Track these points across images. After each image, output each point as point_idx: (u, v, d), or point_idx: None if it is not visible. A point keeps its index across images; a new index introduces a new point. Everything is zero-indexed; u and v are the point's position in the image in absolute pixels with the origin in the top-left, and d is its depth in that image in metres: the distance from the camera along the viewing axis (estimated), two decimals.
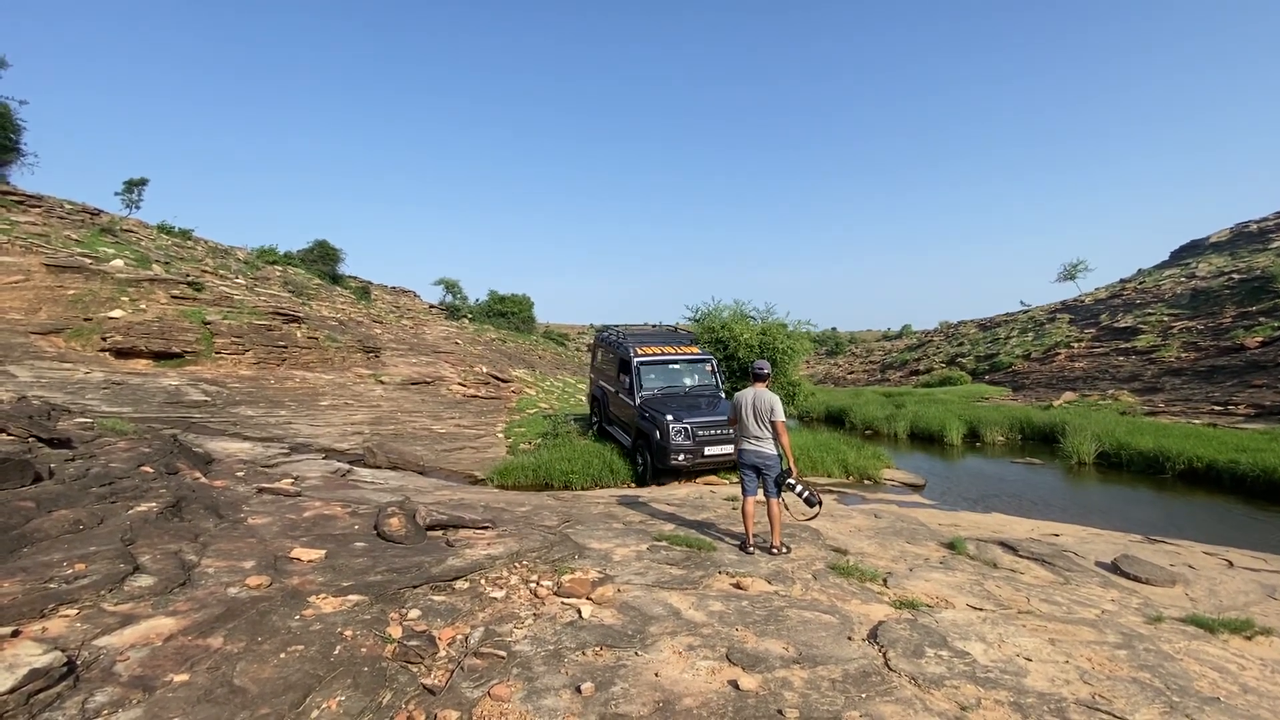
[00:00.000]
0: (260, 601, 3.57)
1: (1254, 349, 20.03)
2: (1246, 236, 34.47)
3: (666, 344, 11.12)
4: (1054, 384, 25.21)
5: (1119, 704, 3.17)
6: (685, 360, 10.72)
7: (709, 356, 11.12)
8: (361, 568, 4.25)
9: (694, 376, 10.62)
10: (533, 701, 2.90)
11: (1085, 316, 32.42)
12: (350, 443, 9.97)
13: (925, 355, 40.43)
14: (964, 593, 4.86)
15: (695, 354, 10.96)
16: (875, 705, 3.03)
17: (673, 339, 11.84)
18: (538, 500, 7.41)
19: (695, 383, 10.52)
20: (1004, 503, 10.02)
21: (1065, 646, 3.85)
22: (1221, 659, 3.90)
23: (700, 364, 10.82)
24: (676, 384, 10.40)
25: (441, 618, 3.68)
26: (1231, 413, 17.00)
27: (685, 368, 10.69)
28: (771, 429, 5.49)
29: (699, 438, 8.72)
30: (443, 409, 14.64)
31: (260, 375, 13.96)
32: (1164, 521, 9.14)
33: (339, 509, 5.65)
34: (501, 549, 4.90)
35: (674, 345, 11.12)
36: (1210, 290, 26.00)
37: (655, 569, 4.86)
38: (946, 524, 7.49)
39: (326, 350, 16.92)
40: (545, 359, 31.34)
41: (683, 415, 8.87)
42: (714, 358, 11.29)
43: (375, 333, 22.46)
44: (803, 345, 19.57)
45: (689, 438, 8.70)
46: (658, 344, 11.02)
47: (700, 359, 10.89)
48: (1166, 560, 6.19)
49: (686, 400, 9.69)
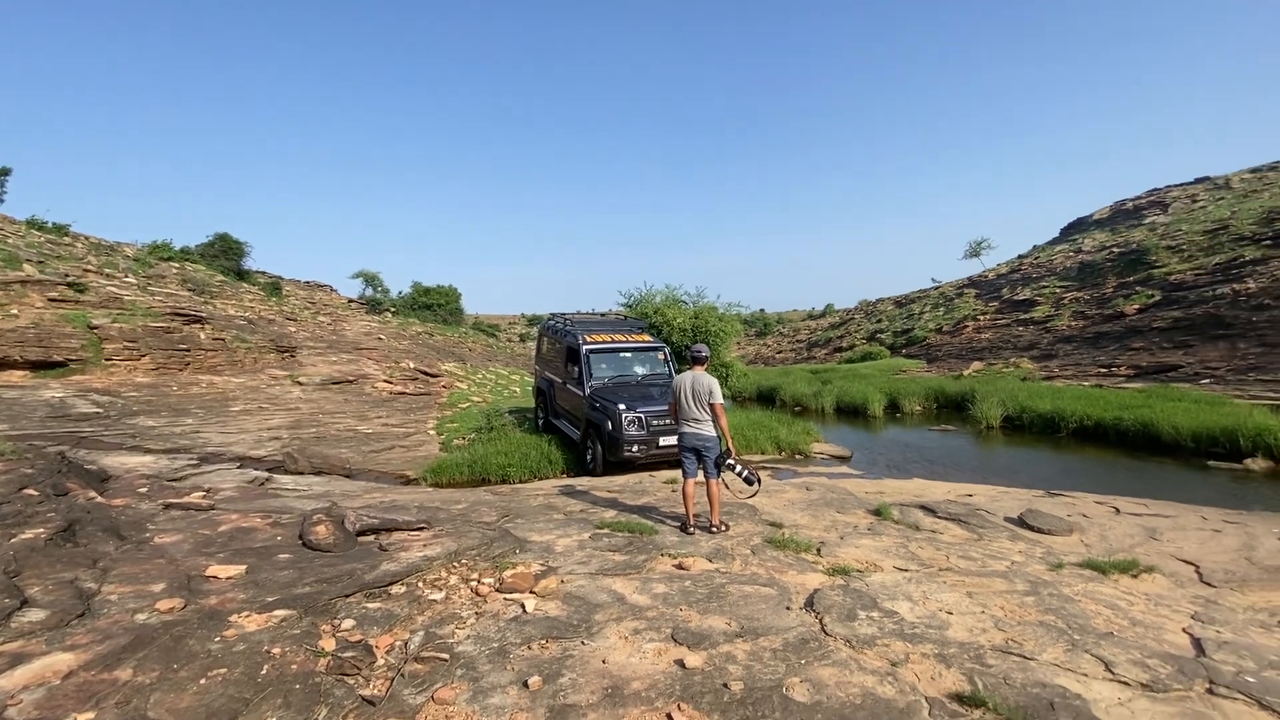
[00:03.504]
0: (174, 626, 3.32)
1: (1132, 316, 22.12)
2: (1124, 214, 37.87)
3: (617, 331, 10.80)
4: (963, 355, 26.95)
5: (1029, 646, 3.46)
6: (637, 348, 10.45)
7: (661, 344, 10.86)
8: (287, 580, 4.03)
9: (646, 365, 10.36)
10: (479, 701, 2.85)
11: (989, 291, 34.75)
12: (268, 449, 9.39)
13: (847, 333, 42.24)
14: (890, 555, 5.14)
15: (647, 342, 10.71)
16: (814, 670, 3.16)
17: (623, 326, 11.49)
18: (475, 496, 7.25)
19: (648, 371, 10.25)
20: (923, 468, 10.67)
21: (981, 598, 4.15)
22: (1113, 597, 4.32)
23: (652, 352, 10.58)
24: (628, 373, 10.09)
25: (378, 625, 3.54)
26: (1115, 374, 18.75)
27: (637, 356, 10.42)
28: (710, 411, 5.58)
29: (653, 428, 8.46)
30: (368, 408, 14.03)
31: (160, 382, 12.89)
32: (1061, 476, 10.00)
33: (259, 520, 5.31)
34: (439, 549, 4.76)
35: (625, 333, 10.81)
36: (1095, 263, 28.44)
37: (598, 557, 4.86)
38: (872, 492, 7.89)
39: (235, 352, 15.83)
40: (476, 351, 30.57)
41: (636, 404, 8.60)
42: (666, 345, 11.03)
43: (290, 331, 21.19)
44: (734, 327, 20.04)
45: (642, 428, 8.46)
46: (608, 331, 10.70)
47: (652, 347, 10.65)
48: (1064, 511, 6.77)
49: (639, 389, 9.40)
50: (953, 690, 2.98)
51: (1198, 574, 5.01)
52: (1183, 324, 19.64)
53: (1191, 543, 5.76)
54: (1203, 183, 36.12)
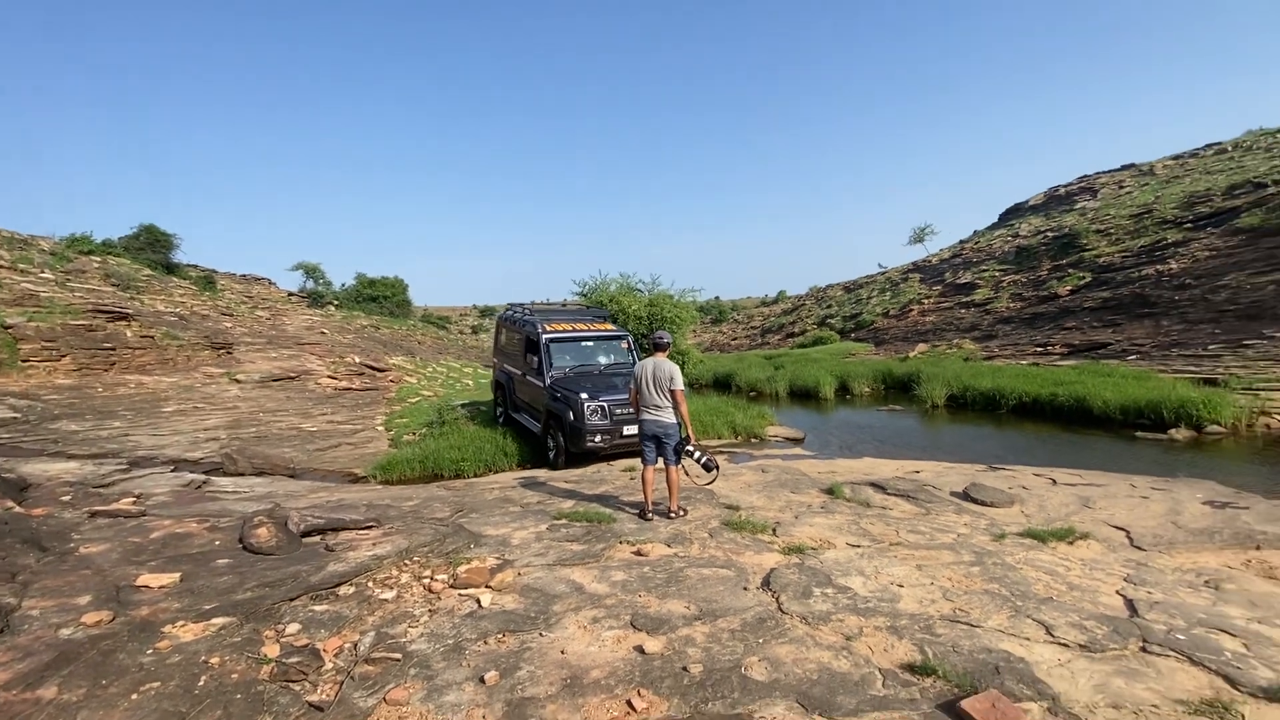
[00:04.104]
0: (102, 640, 3.12)
1: (1065, 297, 23.23)
2: (1057, 199, 39.63)
3: (579, 321, 10.57)
4: (909, 337, 27.83)
5: (975, 614, 3.58)
6: (598, 337, 10.23)
7: (624, 333, 10.70)
8: (226, 586, 3.83)
9: (609, 354, 10.16)
10: (434, 700, 2.77)
11: (932, 275, 35.92)
12: (204, 450, 8.93)
13: (799, 318, 43.05)
14: (843, 533, 5.25)
15: (610, 330, 10.52)
16: (772, 648, 3.20)
17: (585, 316, 11.24)
18: (427, 492, 7.07)
19: (610, 361, 10.04)
20: (873, 447, 10.97)
21: (930, 570, 4.28)
22: (1052, 564, 4.52)
23: (615, 341, 10.39)
24: (590, 362, 9.86)
25: (325, 628, 3.41)
26: (1050, 353, 19.68)
27: (599, 345, 10.20)
28: (671, 398, 5.57)
29: (617, 417, 8.27)
30: (312, 405, 13.51)
31: (83, 383, 12.10)
32: (1003, 450, 10.45)
33: (195, 525, 5.04)
34: (389, 547, 4.62)
35: (587, 322, 10.59)
36: (1030, 247, 29.70)
37: (556, 547, 4.81)
38: (825, 472, 8.06)
39: (167, 349, 14.98)
40: (426, 344, 29.83)
41: (599, 393, 8.41)
42: (630, 334, 10.86)
43: (225, 326, 20.20)
44: (689, 314, 20.10)
45: (606, 417, 8.26)
46: (569, 321, 10.46)
47: (615, 335, 10.47)
48: (1006, 484, 7.06)
49: (602, 378, 9.20)
50: (905, 660, 3.06)
51: (1129, 539, 5.30)
52: (1111, 304, 20.73)
53: (1122, 510, 6.09)
54: (1129, 169, 38.07)
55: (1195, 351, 15.77)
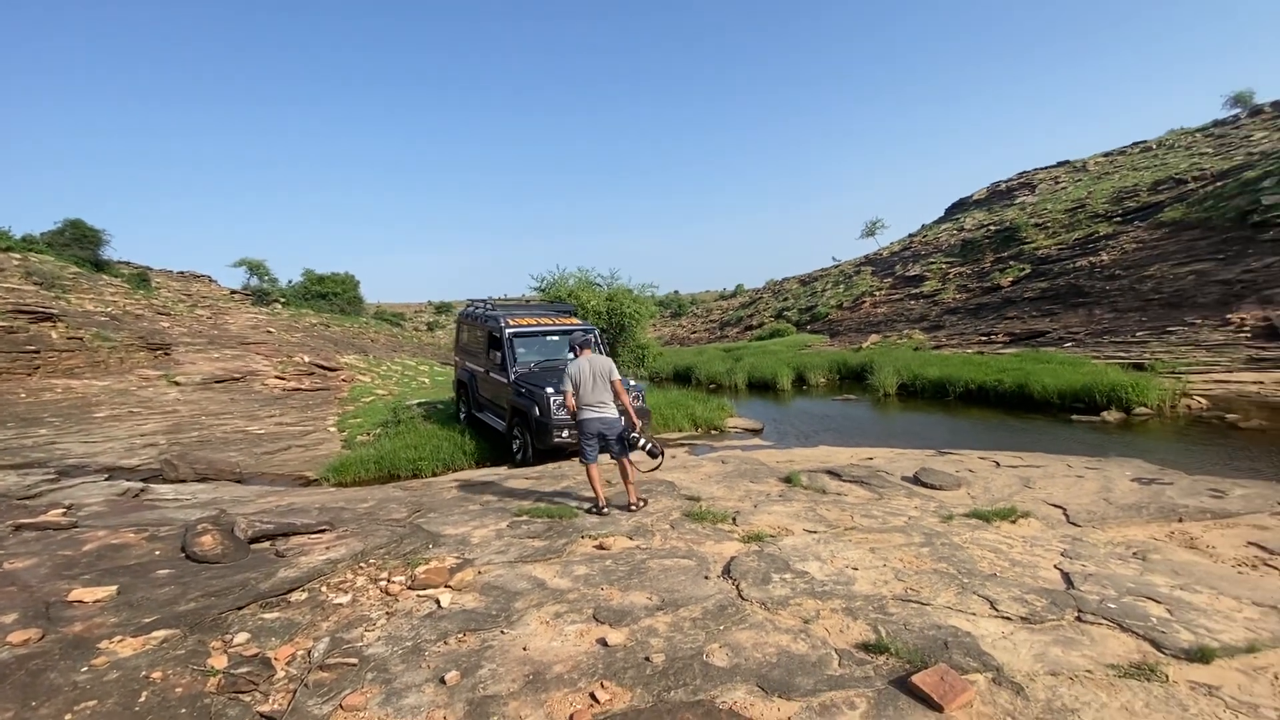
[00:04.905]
0: (31, 659, 2.94)
1: (1007, 288, 24.22)
2: (999, 194, 41.22)
3: (544, 316, 10.42)
4: (862, 329, 28.56)
5: (925, 593, 3.72)
6: (564, 331, 9.99)
7: (591, 326, 10.55)
8: (168, 598, 3.66)
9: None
10: (392, 703, 2.71)
11: (884, 268, 36.94)
12: (142, 457, 8.50)
13: (757, 311, 43.65)
14: (800, 519, 5.37)
15: (575, 324, 10.35)
16: (733, 634, 3.25)
17: (550, 310, 11.11)
18: (383, 493, 6.90)
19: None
20: (828, 436, 11.24)
21: (883, 553, 4.42)
22: (996, 542, 4.73)
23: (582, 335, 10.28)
24: (555, 357, 9.62)
25: (276, 636, 3.29)
26: (994, 341, 20.50)
27: (565, 340, 9.91)
28: (612, 389, 5.61)
29: None
30: (259, 407, 13.01)
31: (5, 389, 11.35)
32: (951, 436, 10.86)
33: (132, 535, 4.80)
34: (344, 550, 4.49)
35: (551, 316, 10.45)
36: (975, 240, 30.84)
37: (517, 544, 4.76)
38: (783, 460, 8.23)
39: (97, 352, 14.18)
40: (379, 342, 29.04)
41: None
42: (596, 328, 10.67)
43: (162, 326, 19.23)
44: (648, 309, 20.16)
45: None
46: (533, 316, 10.31)
47: (581, 329, 10.17)
48: (953, 468, 7.34)
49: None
50: (860, 640, 3.15)
51: (1065, 516, 5.59)
52: (1049, 294, 21.73)
53: (1059, 489, 6.41)
54: (1064, 165, 39.90)
55: (1125, 338, 16.70)
